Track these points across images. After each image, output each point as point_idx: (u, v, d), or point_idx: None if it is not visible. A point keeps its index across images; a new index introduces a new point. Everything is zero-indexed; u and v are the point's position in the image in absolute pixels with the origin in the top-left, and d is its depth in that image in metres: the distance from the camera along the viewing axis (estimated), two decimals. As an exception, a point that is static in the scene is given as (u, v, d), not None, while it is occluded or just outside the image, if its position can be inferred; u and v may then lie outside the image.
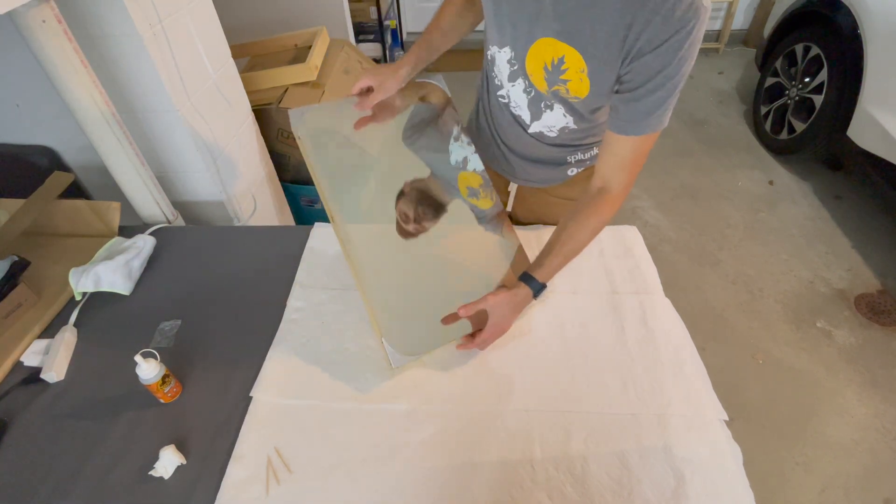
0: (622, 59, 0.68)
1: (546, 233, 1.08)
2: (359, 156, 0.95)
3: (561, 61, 0.74)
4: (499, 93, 0.92)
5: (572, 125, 0.87)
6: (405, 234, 0.91)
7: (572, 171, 1.02)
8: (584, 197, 0.83)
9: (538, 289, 0.83)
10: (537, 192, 1.09)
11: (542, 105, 0.86)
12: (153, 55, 1.06)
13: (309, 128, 0.88)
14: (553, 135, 0.91)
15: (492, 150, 1.05)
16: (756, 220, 2.31)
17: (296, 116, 0.88)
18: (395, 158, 0.97)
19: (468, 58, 2.21)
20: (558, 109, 0.85)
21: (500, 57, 0.83)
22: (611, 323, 0.91)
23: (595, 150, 0.98)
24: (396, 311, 0.85)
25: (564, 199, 1.07)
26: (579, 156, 0.98)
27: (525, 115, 0.90)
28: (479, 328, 0.83)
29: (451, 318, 0.82)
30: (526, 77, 0.82)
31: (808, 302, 1.93)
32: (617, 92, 0.73)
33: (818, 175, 2.54)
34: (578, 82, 0.74)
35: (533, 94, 0.84)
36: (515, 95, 0.88)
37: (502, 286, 0.85)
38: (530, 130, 0.92)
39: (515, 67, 0.82)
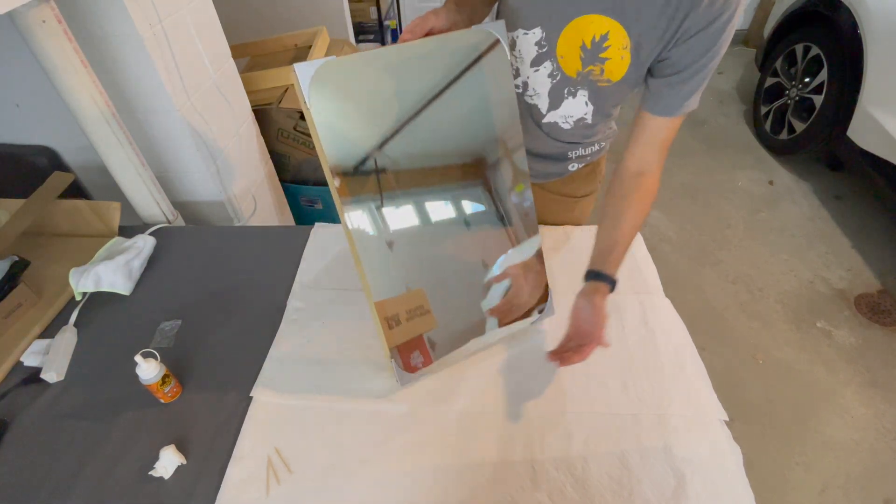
0: (667, 41, 0.71)
1: (547, 231, 1.08)
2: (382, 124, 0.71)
3: (604, 38, 0.74)
4: (515, 81, 0.90)
5: (589, 119, 0.87)
6: None
7: (573, 167, 1.02)
8: (622, 183, 0.83)
9: (613, 284, 0.80)
10: (535, 189, 1.09)
11: (566, 91, 0.85)
12: (153, 55, 1.06)
13: (321, 91, 0.65)
14: (567, 127, 0.90)
15: None
16: (756, 220, 2.31)
17: (303, 73, 0.64)
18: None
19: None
20: (581, 97, 0.84)
21: (526, 40, 0.81)
22: (611, 323, 0.91)
23: (596, 147, 0.99)
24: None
25: (562, 195, 1.07)
26: (580, 151, 0.98)
27: (542, 104, 0.89)
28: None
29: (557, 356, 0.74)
30: (554, 59, 0.81)
31: (808, 302, 1.93)
32: (660, 76, 0.75)
33: (818, 175, 2.54)
34: (619, 60, 0.75)
35: (558, 77, 0.84)
36: (536, 81, 0.86)
37: (582, 295, 0.79)
38: (544, 121, 0.91)
39: (544, 49, 0.81)
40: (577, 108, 0.87)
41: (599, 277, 0.79)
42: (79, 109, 0.98)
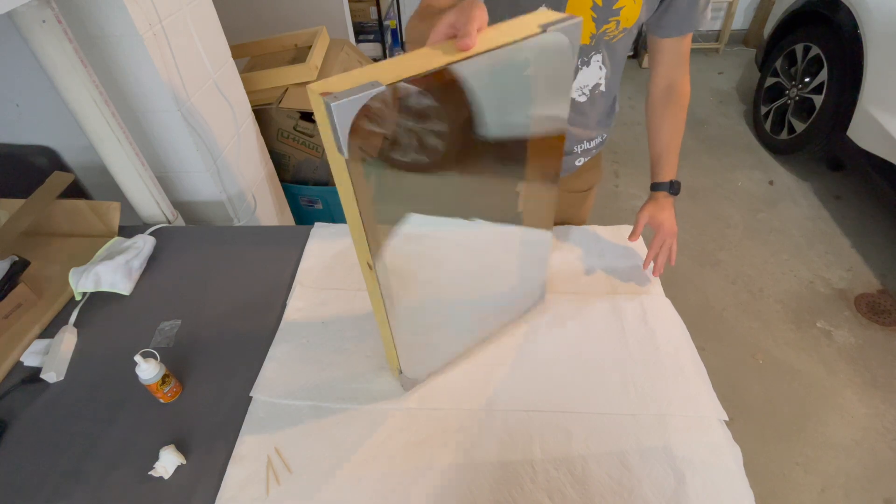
0: None
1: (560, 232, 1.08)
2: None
3: None
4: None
5: (604, 85, 0.90)
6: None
7: (579, 162, 1.03)
8: (655, 101, 0.94)
9: (674, 185, 0.96)
10: None
11: (579, 62, 0.86)
12: (153, 55, 1.06)
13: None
14: (583, 100, 0.91)
15: None
16: (756, 220, 2.31)
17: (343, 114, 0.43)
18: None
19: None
20: (595, 63, 0.86)
21: None
22: (611, 323, 0.91)
23: (599, 139, 1.02)
24: (415, 330, 0.73)
25: (570, 191, 1.08)
26: (585, 145, 1.00)
27: None
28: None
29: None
30: None
31: (808, 302, 1.93)
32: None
33: (818, 175, 2.54)
34: (632, 4, 0.77)
35: None
36: None
37: (647, 203, 0.97)
38: None
39: None
40: (591, 75, 0.88)
41: (658, 187, 0.96)
42: (79, 109, 0.98)
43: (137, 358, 0.75)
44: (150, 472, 0.70)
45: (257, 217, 1.52)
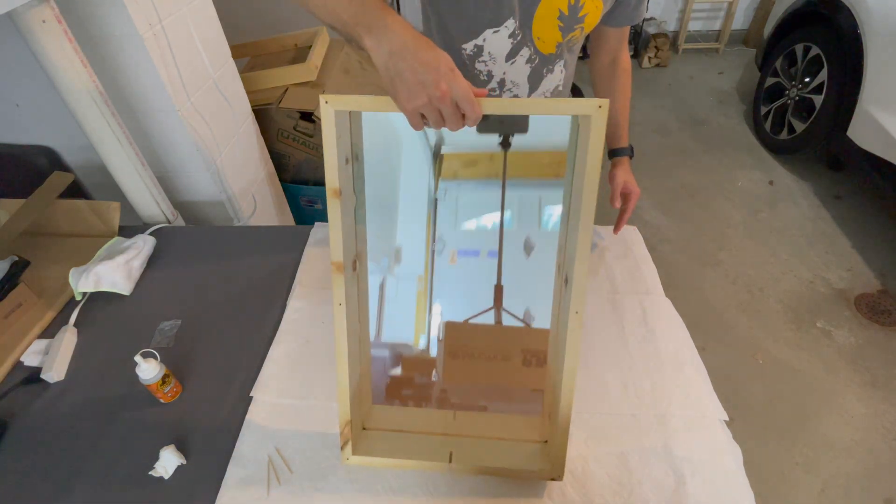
0: None
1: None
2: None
3: None
4: (489, 86, 0.89)
5: (562, 84, 0.95)
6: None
7: None
8: (602, 74, 1.01)
9: (632, 149, 1.04)
10: None
11: (545, 71, 0.89)
12: (153, 55, 1.06)
13: None
14: None
15: None
16: (756, 220, 2.31)
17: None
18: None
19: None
20: (558, 68, 0.90)
21: (496, 38, 0.80)
22: (611, 323, 0.91)
23: None
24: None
25: None
26: None
27: (523, 93, 0.91)
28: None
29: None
30: (531, 43, 0.83)
31: (808, 302, 1.93)
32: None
33: (818, 175, 2.54)
34: (594, 9, 0.80)
35: (537, 60, 0.86)
36: (514, 73, 0.87)
37: (616, 169, 1.03)
38: None
39: (518, 38, 0.81)
40: (554, 80, 0.92)
41: (621, 152, 1.03)
42: (79, 109, 0.98)
43: (137, 358, 0.75)
44: (150, 472, 0.70)
45: (257, 217, 1.52)
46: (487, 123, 0.56)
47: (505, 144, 0.66)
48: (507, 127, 0.65)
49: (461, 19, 0.78)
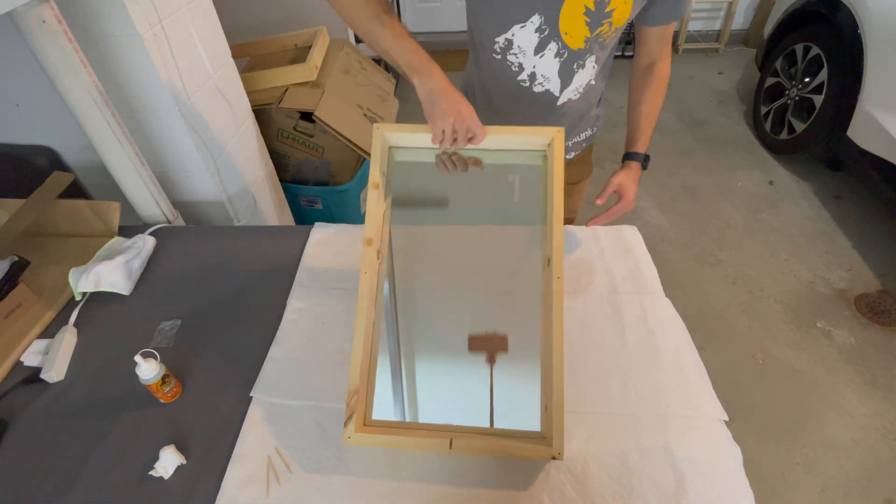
0: None
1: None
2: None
3: None
4: (519, 77, 0.91)
5: (594, 80, 0.95)
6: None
7: (570, 156, 1.08)
8: (638, 76, 0.99)
9: (645, 159, 0.98)
10: None
11: (575, 66, 0.89)
12: (153, 55, 1.06)
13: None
14: (577, 97, 0.96)
15: None
16: (756, 220, 2.31)
17: None
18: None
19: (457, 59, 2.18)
20: (589, 63, 0.90)
21: (524, 32, 0.83)
22: (611, 323, 0.91)
23: (589, 132, 1.08)
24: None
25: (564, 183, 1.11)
26: (576, 139, 1.05)
27: (554, 86, 0.91)
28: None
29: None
30: (558, 38, 0.83)
31: (808, 302, 1.93)
32: None
33: (818, 175, 2.54)
34: (623, 5, 0.80)
35: (566, 55, 0.86)
36: (544, 67, 0.88)
37: (620, 170, 0.98)
38: (560, 102, 0.94)
39: (546, 33, 0.83)
40: (586, 76, 0.92)
41: (634, 157, 0.98)
42: (79, 109, 0.98)
43: (137, 358, 0.75)
44: (150, 472, 0.70)
45: (257, 217, 1.52)
46: (476, 345, 0.79)
47: (491, 361, 0.79)
48: (494, 346, 0.80)
49: (491, 14, 0.84)
